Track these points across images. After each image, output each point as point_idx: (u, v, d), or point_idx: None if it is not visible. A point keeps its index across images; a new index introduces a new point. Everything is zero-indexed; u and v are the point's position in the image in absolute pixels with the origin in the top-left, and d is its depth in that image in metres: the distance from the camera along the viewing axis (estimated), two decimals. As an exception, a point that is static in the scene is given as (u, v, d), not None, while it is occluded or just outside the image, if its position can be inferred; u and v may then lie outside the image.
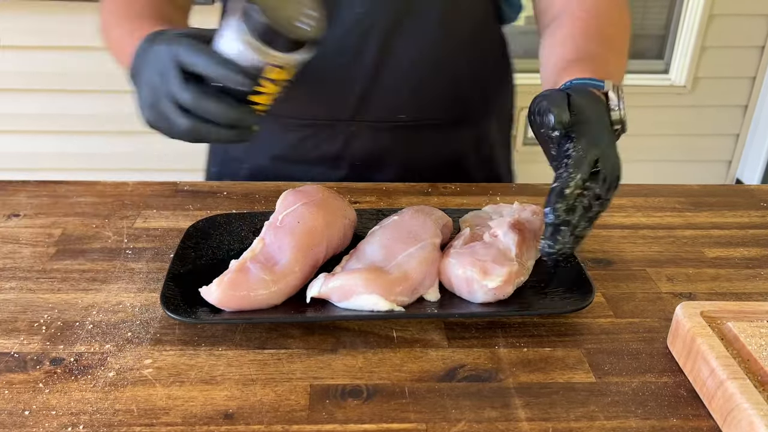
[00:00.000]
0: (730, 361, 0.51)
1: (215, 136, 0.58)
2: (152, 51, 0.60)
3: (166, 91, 0.58)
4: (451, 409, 0.51)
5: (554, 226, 0.56)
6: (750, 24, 2.34)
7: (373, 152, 0.90)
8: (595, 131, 0.58)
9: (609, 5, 0.79)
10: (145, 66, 0.60)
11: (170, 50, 0.58)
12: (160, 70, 0.58)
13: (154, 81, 0.59)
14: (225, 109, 0.57)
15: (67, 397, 0.52)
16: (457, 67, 0.88)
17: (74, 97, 2.15)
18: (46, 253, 0.70)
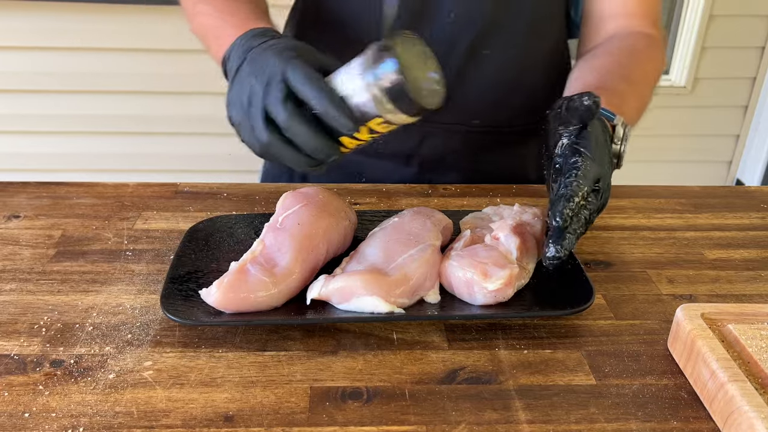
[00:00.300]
0: (730, 363, 0.51)
1: (289, 158, 0.58)
2: (262, 57, 0.59)
3: (262, 101, 0.57)
4: (451, 411, 0.51)
5: (560, 231, 0.57)
6: (750, 24, 2.34)
7: (443, 154, 0.92)
8: (601, 153, 0.62)
9: (647, 51, 0.83)
10: (250, 67, 0.60)
11: (281, 66, 0.57)
12: (264, 80, 0.57)
13: (254, 86, 0.58)
14: (312, 139, 0.56)
15: (67, 399, 0.52)
16: (534, 79, 0.91)
17: (75, 98, 2.15)
18: (46, 255, 0.70)
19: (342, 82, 0.56)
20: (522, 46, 0.87)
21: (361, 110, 0.55)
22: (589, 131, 0.62)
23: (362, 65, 0.55)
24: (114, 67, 2.10)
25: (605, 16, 0.86)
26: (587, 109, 0.59)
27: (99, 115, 2.18)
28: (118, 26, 2.05)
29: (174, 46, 2.07)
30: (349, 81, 0.55)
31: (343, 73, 0.56)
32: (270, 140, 0.57)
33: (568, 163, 0.60)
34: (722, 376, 0.50)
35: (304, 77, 0.56)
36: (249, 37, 0.64)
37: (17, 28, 2.03)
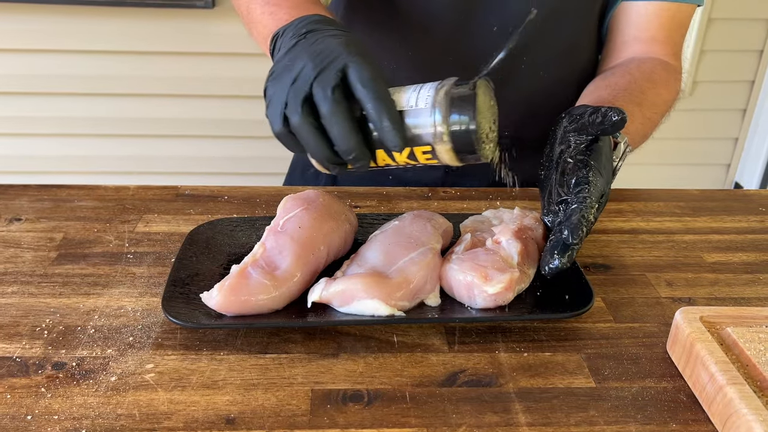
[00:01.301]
0: (729, 366, 0.51)
1: (313, 146, 0.55)
2: (324, 43, 0.56)
3: (310, 82, 0.54)
4: (451, 414, 0.52)
5: (566, 245, 0.58)
6: (749, 28, 2.34)
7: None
8: (607, 169, 0.62)
9: (664, 76, 0.84)
10: (307, 48, 0.57)
11: (345, 58, 0.54)
12: (320, 64, 0.54)
13: (306, 66, 0.55)
14: (349, 138, 0.53)
15: (69, 401, 0.52)
16: (566, 95, 0.91)
17: (76, 100, 2.15)
18: (47, 258, 0.71)
19: (405, 98, 0.54)
20: (558, 61, 0.88)
21: (414, 132, 0.54)
22: (600, 144, 0.62)
23: (436, 94, 0.54)
24: (115, 69, 2.11)
25: (628, 39, 0.87)
26: (614, 124, 0.59)
27: (100, 118, 2.18)
28: (120, 28, 2.05)
29: (175, 49, 2.07)
30: (415, 101, 0.54)
31: (411, 90, 0.55)
32: (301, 122, 0.54)
33: (578, 174, 0.60)
34: (721, 379, 0.50)
35: (368, 77, 0.53)
36: (308, 20, 0.61)
37: (19, 30, 2.04)
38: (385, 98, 0.53)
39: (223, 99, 2.17)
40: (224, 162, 2.26)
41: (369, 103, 0.53)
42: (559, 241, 0.58)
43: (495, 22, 0.84)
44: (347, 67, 0.54)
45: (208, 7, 1.99)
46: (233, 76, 2.12)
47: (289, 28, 0.62)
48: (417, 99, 0.54)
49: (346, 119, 0.53)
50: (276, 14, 0.67)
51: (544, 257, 0.59)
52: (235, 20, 2.01)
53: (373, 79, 0.53)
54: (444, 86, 0.54)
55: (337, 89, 0.53)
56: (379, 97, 0.53)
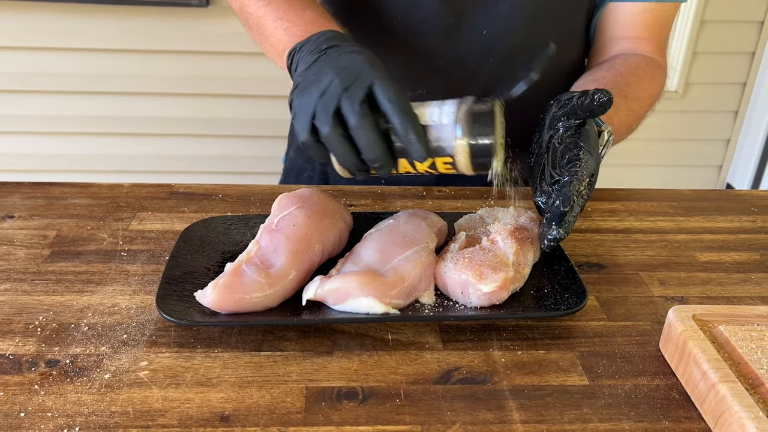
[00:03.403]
0: (721, 364, 0.52)
1: (341, 153, 0.59)
2: (348, 59, 0.61)
3: (339, 95, 0.58)
4: (446, 411, 0.52)
5: (562, 215, 0.59)
6: (741, 30, 2.36)
7: None
8: (596, 151, 0.64)
9: (649, 71, 0.85)
10: (331, 63, 0.61)
11: (371, 75, 0.59)
12: (347, 80, 0.59)
13: (334, 82, 0.59)
14: (376, 147, 0.58)
15: (63, 399, 0.52)
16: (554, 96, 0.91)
17: (69, 98, 2.14)
18: (40, 255, 0.70)
19: (429, 113, 0.60)
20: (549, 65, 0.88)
21: (436, 145, 0.59)
22: (587, 128, 0.64)
23: (458, 111, 0.59)
24: (109, 67, 2.10)
25: (614, 38, 0.89)
26: (601, 105, 0.60)
27: (94, 116, 2.17)
28: (114, 27, 2.04)
29: (170, 48, 2.07)
30: (439, 116, 0.59)
31: (434, 107, 0.60)
32: (331, 132, 0.58)
33: (568, 154, 0.62)
34: (713, 376, 0.51)
35: (393, 95, 0.58)
36: (329, 36, 0.65)
37: (11, 28, 2.03)
38: (411, 114, 0.58)
39: (217, 98, 2.17)
40: (219, 161, 2.26)
41: (395, 118, 0.58)
42: (555, 212, 0.59)
43: (485, 26, 0.85)
44: (373, 84, 0.58)
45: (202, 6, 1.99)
46: (228, 74, 2.12)
47: (307, 44, 0.66)
48: (440, 115, 0.59)
49: (373, 131, 0.58)
50: (290, 30, 0.69)
51: (543, 231, 0.60)
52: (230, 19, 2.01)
53: (399, 96, 0.58)
54: (465, 103, 0.60)
55: (363, 104, 0.58)
56: (405, 113, 0.58)
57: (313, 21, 0.69)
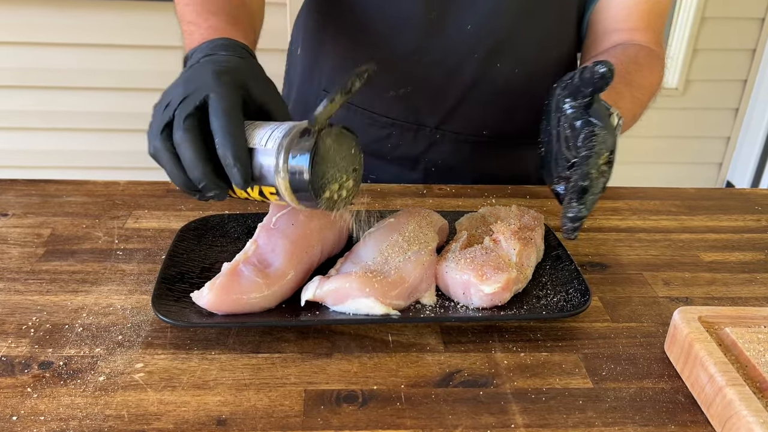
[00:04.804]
0: (728, 367, 0.51)
1: (169, 171, 0.55)
2: (202, 69, 0.57)
3: (174, 108, 0.55)
4: (447, 415, 0.51)
5: (583, 191, 0.57)
6: (741, 27, 2.35)
7: (450, 161, 0.93)
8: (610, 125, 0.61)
9: (648, 60, 0.83)
10: (189, 74, 0.58)
11: (209, 87, 0.54)
12: (188, 90, 0.55)
13: (178, 92, 0.56)
14: (196, 167, 0.53)
15: (56, 402, 0.51)
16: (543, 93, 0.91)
17: (65, 94, 2.13)
18: (34, 254, 0.69)
19: (260, 135, 0.54)
20: (535, 59, 0.88)
21: (261, 172, 0.54)
22: (595, 106, 0.60)
23: (283, 137, 0.53)
24: (105, 63, 2.08)
25: (610, 30, 0.87)
26: (602, 76, 0.57)
27: (90, 112, 2.16)
28: (110, 22, 2.03)
29: (166, 43, 2.05)
30: (266, 140, 0.53)
31: (269, 128, 0.54)
32: (159, 146, 0.54)
33: (582, 132, 0.59)
34: (720, 380, 0.50)
35: (222, 110, 0.53)
36: (211, 45, 0.62)
37: (6, 22, 2.01)
38: (232, 134, 0.52)
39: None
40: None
41: (218, 136, 0.53)
42: (575, 189, 0.57)
43: (469, 20, 0.83)
44: (208, 97, 0.54)
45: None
46: (225, 71, 2.10)
47: (195, 52, 0.62)
48: (269, 139, 0.53)
49: (194, 148, 0.53)
50: (193, 35, 0.66)
51: (565, 210, 0.57)
52: (228, 14, 1.96)
53: (227, 112, 0.53)
54: (292, 131, 0.53)
55: (189, 118, 0.53)
56: (226, 132, 0.52)
57: (215, 28, 0.65)
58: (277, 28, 1.92)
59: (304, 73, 0.98)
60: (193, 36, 0.66)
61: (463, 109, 0.89)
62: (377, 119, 0.91)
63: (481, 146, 0.92)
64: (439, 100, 0.88)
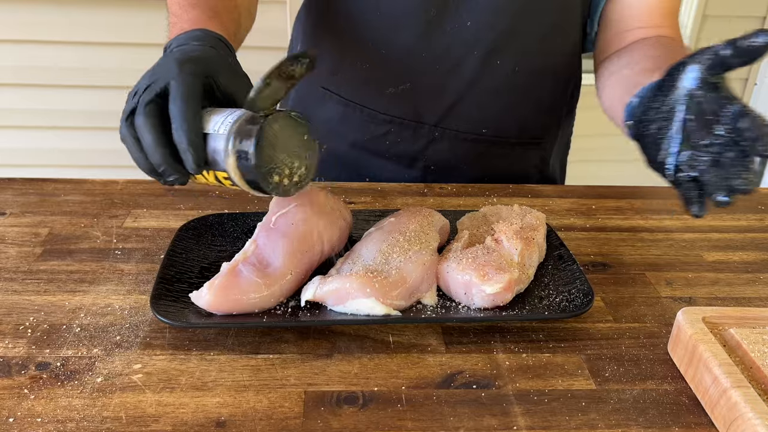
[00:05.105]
0: (733, 368, 0.50)
1: (134, 156, 0.56)
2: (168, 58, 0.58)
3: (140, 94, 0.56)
4: (449, 417, 0.50)
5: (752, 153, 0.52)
6: (743, 25, 2.34)
7: (449, 159, 0.92)
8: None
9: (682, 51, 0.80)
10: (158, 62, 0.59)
11: (171, 75, 0.55)
12: (153, 78, 0.56)
13: (144, 79, 0.57)
14: (155, 151, 0.54)
15: (54, 403, 0.50)
16: (543, 91, 0.92)
17: (64, 92, 2.12)
18: (32, 253, 0.68)
19: (215, 121, 0.55)
20: (535, 57, 0.87)
21: (213, 157, 0.54)
22: (725, 84, 0.57)
23: (233, 123, 0.54)
24: (104, 61, 2.07)
25: (631, 28, 0.86)
26: (765, 45, 0.53)
27: (88, 110, 2.15)
28: (108, 20, 2.02)
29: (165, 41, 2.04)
30: (219, 126, 0.54)
31: (223, 115, 0.55)
32: (125, 132, 0.56)
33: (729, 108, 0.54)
34: (725, 381, 0.49)
35: (180, 96, 0.54)
36: (187, 36, 0.63)
37: (2, 20, 2.00)
38: (186, 119, 0.53)
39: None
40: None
41: (174, 122, 0.54)
42: (758, 153, 0.52)
43: (469, 17, 0.82)
44: (169, 84, 0.55)
45: None
46: (225, 69, 2.09)
47: (173, 42, 0.63)
48: (221, 124, 0.54)
49: (153, 132, 0.54)
50: (174, 26, 0.67)
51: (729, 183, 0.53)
52: (227, 12, 1.95)
53: (183, 98, 0.54)
54: (243, 116, 0.54)
55: (150, 104, 0.54)
56: (181, 117, 0.53)
57: (194, 20, 0.66)
58: (277, 26, 1.91)
59: None
60: (174, 28, 0.67)
61: (462, 106, 0.88)
62: (376, 116, 0.90)
63: (480, 144, 0.91)
64: (439, 98, 0.88)
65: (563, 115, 0.98)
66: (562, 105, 0.96)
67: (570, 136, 1.06)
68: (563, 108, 0.97)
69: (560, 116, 0.97)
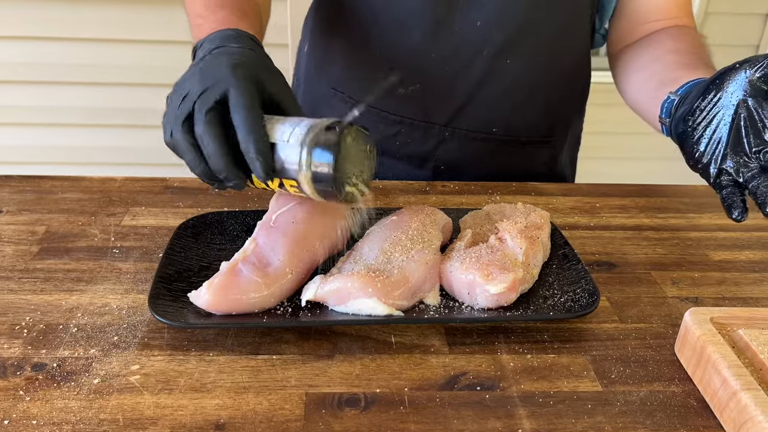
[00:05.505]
0: (742, 370, 0.49)
1: (189, 160, 0.57)
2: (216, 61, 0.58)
3: (193, 101, 0.56)
4: (452, 420, 0.49)
5: None
6: (745, 23, 2.33)
7: (458, 159, 0.92)
8: None
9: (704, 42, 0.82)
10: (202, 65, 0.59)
11: (228, 82, 0.56)
12: (206, 84, 0.56)
13: (195, 86, 0.57)
14: (219, 158, 0.55)
15: (49, 405, 0.49)
16: (555, 91, 0.92)
17: (61, 89, 2.11)
18: (28, 252, 0.67)
19: (282, 131, 0.55)
20: (545, 57, 0.87)
21: (283, 165, 0.55)
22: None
23: (307, 133, 0.55)
24: (102, 58, 2.06)
25: (647, 21, 0.86)
26: None
27: (86, 107, 2.14)
28: (106, 16, 2.01)
29: (163, 38, 2.03)
30: (289, 135, 0.55)
31: (289, 124, 0.56)
32: (180, 138, 0.56)
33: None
34: (734, 384, 0.48)
35: (243, 105, 0.54)
36: (221, 35, 0.63)
37: (3, 17, 1.99)
38: (254, 129, 0.54)
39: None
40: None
41: (240, 131, 0.54)
42: None
43: (478, 17, 0.82)
44: (228, 92, 0.55)
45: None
46: (224, 66, 2.08)
47: (204, 43, 0.64)
48: (291, 135, 0.55)
49: (216, 141, 0.55)
50: (202, 27, 0.67)
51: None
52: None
53: (247, 107, 0.55)
54: (316, 127, 0.55)
55: (211, 112, 0.55)
56: (249, 126, 0.54)
57: (222, 19, 0.66)
58: (277, 23, 1.90)
59: (311, 71, 0.97)
60: (202, 28, 0.66)
61: (472, 106, 0.87)
62: (386, 117, 0.90)
63: (490, 144, 0.90)
64: (448, 98, 0.87)
65: (573, 113, 0.97)
66: (572, 103, 0.96)
67: (580, 133, 1.05)
68: (573, 106, 0.97)
69: (570, 114, 0.97)
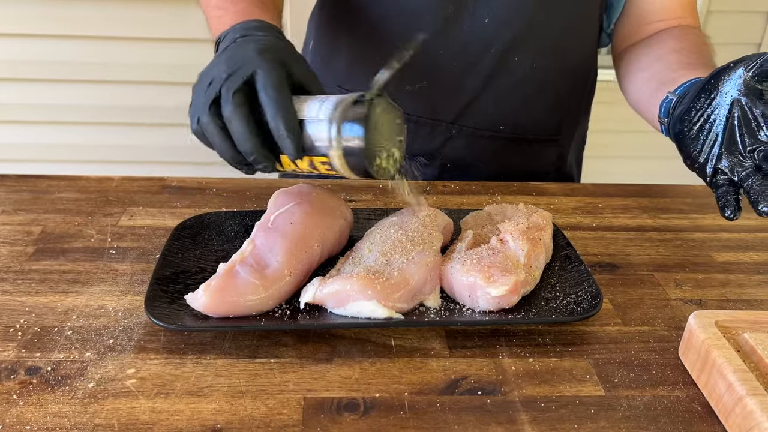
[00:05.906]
0: (748, 375, 0.48)
1: (218, 145, 0.57)
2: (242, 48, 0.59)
3: (220, 85, 0.56)
4: (453, 425, 0.48)
5: None
6: (747, 21, 2.32)
7: (466, 157, 0.91)
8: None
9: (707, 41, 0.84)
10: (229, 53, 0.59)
11: (254, 63, 0.56)
12: (232, 68, 0.56)
13: (221, 71, 0.57)
14: (248, 141, 0.55)
15: (43, 410, 0.48)
16: (561, 88, 0.91)
17: (58, 87, 2.10)
18: (24, 253, 0.67)
19: (310, 108, 0.55)
20: (553, 54, 0.86)
21: (312, 143, 0.55)
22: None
23: (335, 108, 0.54)
24: (100, 56, 2.05)
25: (652, 21, 0.86)
26: None
27: (83, 106, 2.13)
28: (104, 14, 2.00)
29: (162, 36, 2.02)
30: (317, 112, 0.55)
31: (317, 101, 0.56)
32: (207, 121, 0.56)
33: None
34: (740, 389, 0.47)
35: (271, 85, 0.54)
36: (245, 26, 0.63)
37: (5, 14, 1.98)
38: (284, 107, 0.54)
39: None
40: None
41: (269, 110, 0.54)
42: None
43: (486, 14, 0.81)
44: (255, 73, 0.55)
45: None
46: (224, 63, 2.07)
47: (228, 34, 0.64)
48: (319, 111, 0.55)
49: (245, 122, 0.55)
50: (222, 18, 0.67)
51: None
52: (226, 6, 1.94)
53: (276, 86, 0.55)
54: (343, 102, 0.55)
55: (238, 93, 0.55)
56: (278, 104, 0.54)
57: (243, 11, 0.67)
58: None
59: (316, 68, 0.96)
60: (223, 20, 0.66)
61: (479, 104, 0.87)
62: None
63: (497, 141, 0.90)
64: (456, 95, 0.87)
65: (580, 111, 0.97)
66: (579, 101, 0.95)
67: (586, 131, 1.04)
68: (580, 104, 0.96)
69: (577, 113, 0.96)
